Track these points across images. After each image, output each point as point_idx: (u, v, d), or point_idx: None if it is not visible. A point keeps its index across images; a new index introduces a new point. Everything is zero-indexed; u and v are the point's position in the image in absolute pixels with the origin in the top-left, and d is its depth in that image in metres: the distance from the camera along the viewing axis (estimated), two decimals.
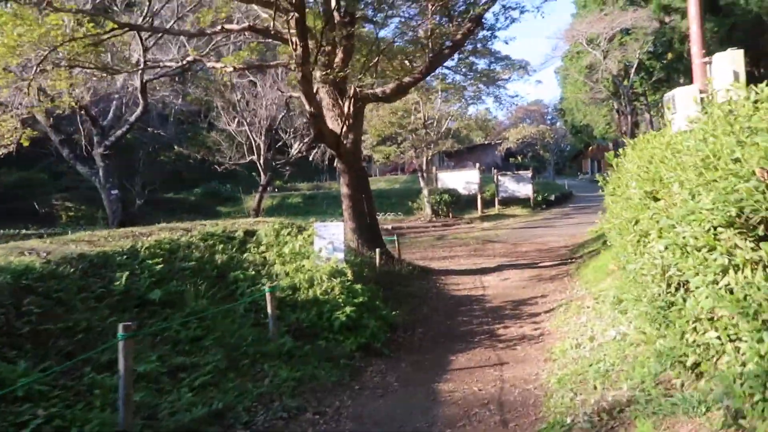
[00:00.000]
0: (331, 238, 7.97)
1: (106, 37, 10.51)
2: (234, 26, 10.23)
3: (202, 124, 35.21)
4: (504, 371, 6.02)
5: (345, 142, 11.74)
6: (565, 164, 77.89)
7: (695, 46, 5.47)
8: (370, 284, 8.94)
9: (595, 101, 45.56)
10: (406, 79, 12.07)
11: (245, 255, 7.69)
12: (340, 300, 6.77)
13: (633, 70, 40.68)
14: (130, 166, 36.12)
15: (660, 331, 3.52)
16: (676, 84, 42.47)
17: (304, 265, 7.23)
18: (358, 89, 11.14)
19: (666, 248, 3.20)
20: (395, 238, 13.49)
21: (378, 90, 11.98)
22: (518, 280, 11.05)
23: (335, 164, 11.83)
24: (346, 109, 11.82)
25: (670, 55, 32.09)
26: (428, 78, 29.17)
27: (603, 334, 6.01)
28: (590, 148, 67.57)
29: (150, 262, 6.08)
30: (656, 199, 3.39)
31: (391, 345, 7.11)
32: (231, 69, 12.20)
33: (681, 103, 4.49)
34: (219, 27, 10.16)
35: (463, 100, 27.48)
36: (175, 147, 40.38)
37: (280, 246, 8.11)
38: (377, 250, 10.73)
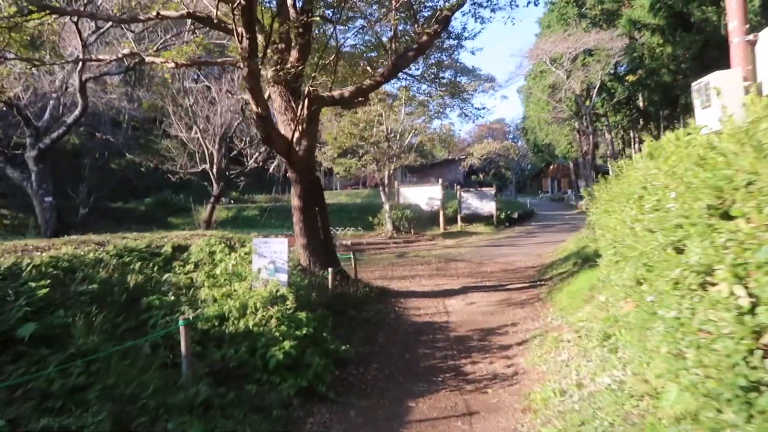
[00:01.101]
0: (272, 257, 6.79)
1: (20, 19, 9.12)
2: (171, 12, 9.02)
3: (157, 131, 33.44)
4: (474, 424, 4.93)
5: (297, 149, 10.59)
6: (526, 183, 78.62)
7: (734, 21, 4.45)
8: (320, 310, 7.78)
9: (558, 120, 45.73)
10: (367, 82, 11.03)
11: (167, 276, 6.42)
12: (278, 333, 5.58)
13: (595, 91, 40.96)
14: (75, 172, 34.07)
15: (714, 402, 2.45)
16: (635, 104, 43.06)
17: (236, 290, 6.01)
18: (312, 89, 10.03)
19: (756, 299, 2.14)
20: (352, 255, 12.36)
21: (335, 93, 10.90)
22: (485, 305, 10.05)
23: (287, 174, 10.60)
24: (299, 112, 10.69)
25: (639, 73, 32.10)
26: (392, 89, 28.45)
27: (593, 380, 5.00)
28: (551, 167, 68.30)
29: (32, 285, 4.78)
30: (728, 217, 2.34)
31: (339, 386, 5.94)
32: (172, 65, 10.92)
33: (724, 93, 3.46)
34: (154, 13, 8.93)
35: (427, 114, 26.73)
36: (126, 154, 38.34)
37: (213, 265, 6.87)
38: (330, 269, 9.56)
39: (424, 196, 29.05)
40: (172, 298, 5.85)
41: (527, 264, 15.34)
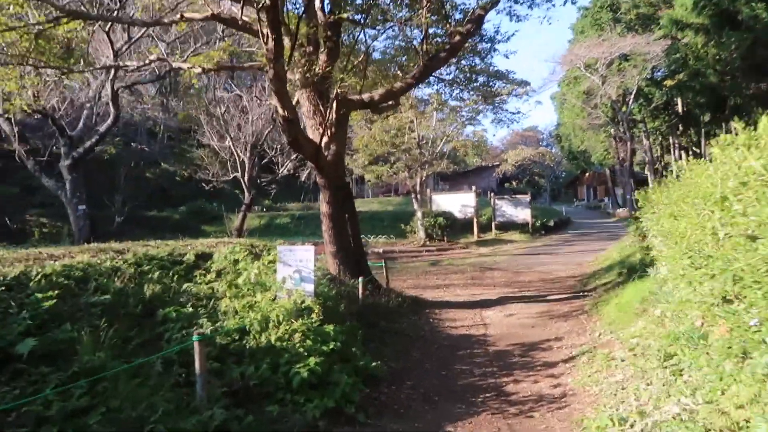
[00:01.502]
0: (298, 266, 6.36)
1: (48, 26, 9.00)
2: (195, 14, 8.77)
3: (191, 141, 33.79)
4: None
5: (326, 153, 10.20)
6: (561, 190, 76.97)
7: None
8: (349, 322, 7.31)
9: (593, 127, 44.50)
10: (397, 85, 10.59)
11: (186, 286, 6.05)
12: (303, 348, 5.13)
13: (632, 97, 39.72)
14: (111, 182, 34.65)
15: None
16: (673, 109, 41.57)
17: (258, 301, 5.58)
18: (341, 91, 9.62)
19: None
20: (384, 263, 11.88)
21: (365, 96, 10.48)
22: (525, 317, 9.42)
23: (316, 179, 10.21)
24: (327, 116, 10.30)
25: (680, 76, 30.73)
26: (424, 95, 28.00)
27: (657, 407, 4.38)
28: (586, 174, 66.61)
29: (39, 296, 4.44)
30: None
31: (370, 406, 5.44)
32: (199, 70, 10.72)
33: None
34: (178, 15, 8.69)
35: (459, 120, 26.18)
36: (161, 164, 38.81)
37: (236, 274, 6.47)
38: (360, 278, 9.10)
39: (457, 203, 28.41)
40: (191, 309, 5.46)
41: (567, 273, 14.60)
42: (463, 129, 27.92)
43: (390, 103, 12.93)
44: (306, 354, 5.13)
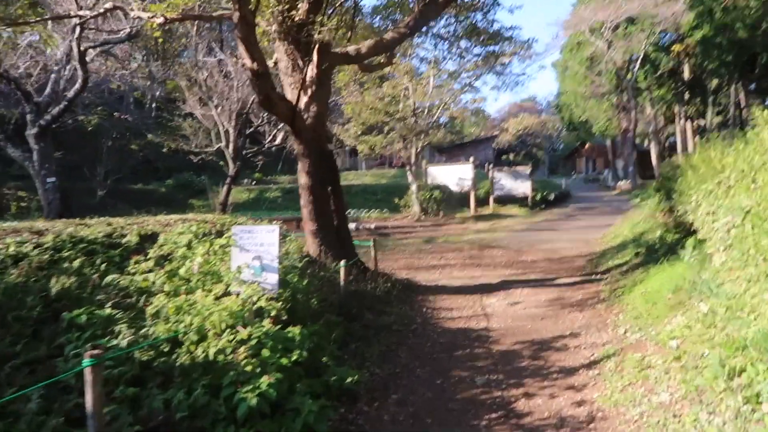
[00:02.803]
0: (258, 251, 5.07)
1: None
2: None
3: (178, 111, 32.21)
4: None
5: (305, 115, 8.82)
6: (559, 163, 75.70)
7: None
8: (325, 319, 6.07)
9: (596, 95, 42.86)
10: (388, 35, 9.16)
11: (112, 278, 4.76)
12: (254, 363, 3.87)
13: (638, 63, 38.12)
14: (95, 153, 33.17)
15: None
16: (680, 76, 39.89)
17: (195, 302, 4.30)
18: (321, 39, 8.18)
19: None
20: (372, 243, 10.61)
21: (351, 48, 9.07)
22: (533, 306, 8.20)
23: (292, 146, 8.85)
24: (309, 72, 8.90)
25: (706, 29, 28.34)
26: (419, 63, 26.36)
27: None
28: (586, 146, 65.15)
29: None
30: None
31: None
32: (161, 19, 9.24)
33: None
34: None
35: (458, 85, 24.66)
36: (147, 135, 37.25)
37: (180, 262, 5.18)
38: (343, 262, 7.82)
39: (454, 175, 27.05)
40: (109, 311, 4.18)
41: (574, 252, 13.37)
42: (461, 96, 26.37)
43: (381, 60, 11.53)
44: (259, 371, 3.88)
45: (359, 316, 7.15)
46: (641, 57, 37.42)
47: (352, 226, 22.25)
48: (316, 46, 8.61)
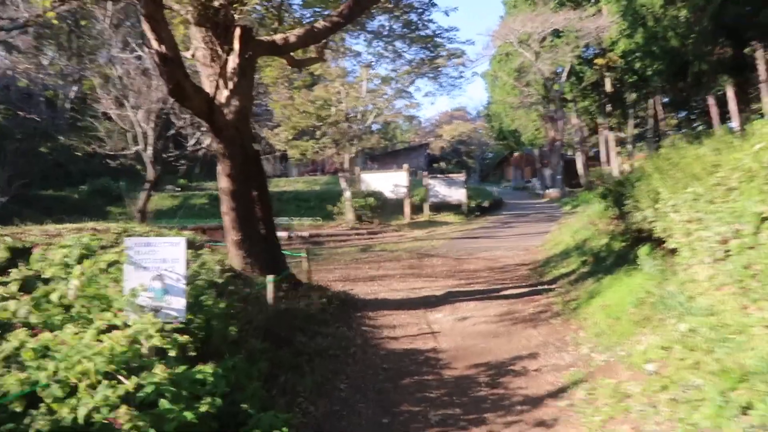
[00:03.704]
0: (160, 269, 4.02)
1: None
2: None
3: (93, 112, 29.74)
4: None
5: (225, 110, 7.75)
6: (489, 171, 77.26)
7: None
8: (248, 347, 5.06)
9: (525, 105, 43.80)
10: (320, 24, 8.26)
11: None
12: (141, 426, 2.84)
13: (564, 74, 39.20)
14: None
15: None
16: (602, 89, 41.41)
17: (63, 341, 3.20)
18: (242, 22, 7.16)
19: None
20: (304, 253, 9.61)
21: (277, 37, 8.10)
22: (482, 321, 7.49)
23: (212, 146, 7.76)
24: (230, 62, 7.85)
25: (639, 38, 28.98)
26: (352, 64, 25.60)
27: None
28: (514, 155, 66.74)
29: None
30: None
31: None
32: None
33: None
34: None
35: (392, 89, 24.07)
36: (59, 137, 34.36)
37: (55, 285, 4.03)
38: (270, 277, 6.80)
39: (389, 182, 26.38)
40: None
41: (516, 261, 12.91)
42: (395, 102, 25.81)
43: (313, 54, 10.60)
44: None
45: (290, 339, 6.15)
46: (567, 69, 38.49)
47: (284, 234, 21.06)
48: (238, 32, 7.59)
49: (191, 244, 6.17)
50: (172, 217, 28.58)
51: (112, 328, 3.58)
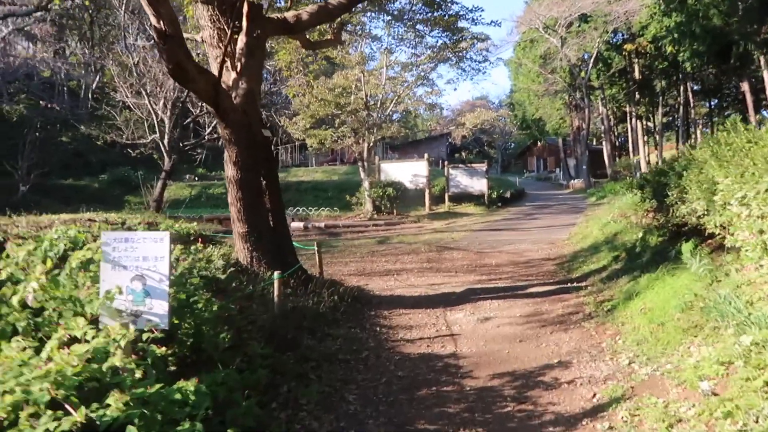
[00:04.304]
0: (141, 268, 3.52)
1: None
2: None
3: (114, 102, 29.67)
4: None
5: (232, 93, 7.24)
6: (511, 161, 76.20)
7: None
8: (247, 352, 4.56)
9: (549, 93, 42.60)
10: (335, 0, 7.69)
11: None
12: None
13: (591, 61, 37.95)
14: (16, 146, 30.34)
15: None
16: (631, 76, 40.02)
17: (10, 357, 2.71)
18: (249, 1, 6.62)
19: None
20: (317, 246, 9.10)
21: (289, 14, 7.56)
22: (506, 322, 6.89)
23: (221, 131, 7.25)
24: (239, 42, 7.32)
25: (678, 17, 27.34)
26: (372, 50, 24.93)
27: None
28: (538, 144, 65.47)
29: None
30: None
31: None
32: None
33: None
34: None
35: (412, 76, 23.38)
36: (80, 127, 34.53)
37: (20, 287, 3.56)
38: (276, 273, 6.29)
39: (408, 172, 25.79)
40: None
41: (541, 255, 12.25)
42: (415, 89, 25.12)
43: (329, 36, 10.03)
44: None
45: (296, 342, 5.64)
46: (594, 55, 37.25)
47: (300, 225, 20.66)
48: (246, 9, 7.04)
49: (185, 239, 5.66)
50: (189, 207, 28.43)
51: (75, 340, 3.08)
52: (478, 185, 26.53)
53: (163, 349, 3.18)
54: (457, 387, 4.97)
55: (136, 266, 3.56)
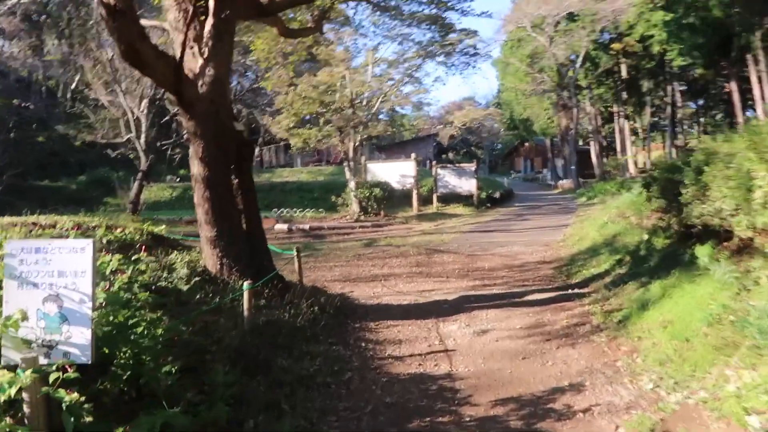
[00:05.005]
0: (56, 286, 2.76)
1: None
2: None
3: (91, 101, 28.61)
4: None
5: (199, 82, 6.46)
6: (498, 162, 76.02)
7: None
8: (212, 375, 3.81)
9: (537, 92, 42.16)
10: None
11: None
12: None
13: (579, 60, 37.56)
14: None
15: None
16: (618, 75, 39.70)
17: None
18: None
19: None
20: (296, 251, 8.33)
21: None
22: (506, 335, 6.19)
23: (182, 122, 6.46)
24: (207, 25, 6.55)
25: (680, 9, 26.44)
26: (357, 46, 24.22)
27: None
28: (525, 145, 65.22)
29: None
30: None
31: None
32: None
33: None
34: None
35: (398, 73, 22.71)
36: (55, 126, 33.42)
37: None
38: (245, 283, 5.52)
39: (395, 172, 25.07)
40: None
41: (536, 258, 11.60)
42: (402, 87, 24.41)
43: (309, 24, 9.28)
44: None
45: (268, 364, 4.89)
46: (582, 55, 36.85)
47: (284, 227, 19.84)
48: None
49: (129, 246, 4.87)
50: (171, 209, 27.47)
51: None
52: (467, 185, 25.90)
53: (74, 395, 2.42)
54: (454, 417, 4.25)
55: (49, 283, 2.80)
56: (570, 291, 8.03)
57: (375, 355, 5.75)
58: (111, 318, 3.15)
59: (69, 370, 2.51)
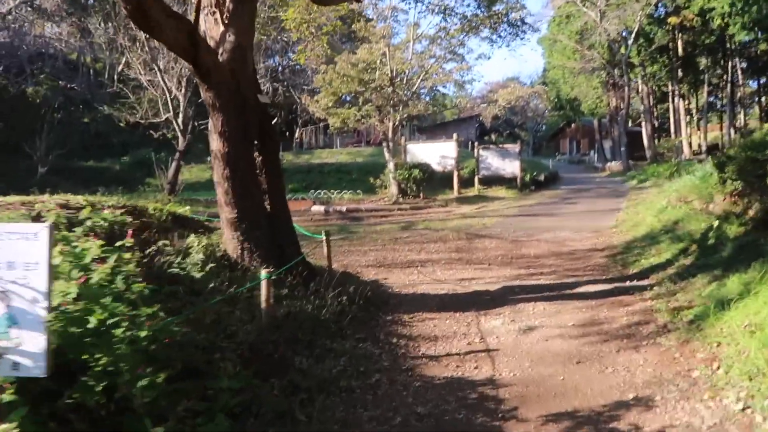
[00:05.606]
0: (4, 282, 2.25)
1: None
2: None
3: (135, 82, 28.73)
4: None
5: (219, 49, 5.90)
6: (542, 144, 73.92)
7: None
8: (219, 379, 3.28)
9: (586, 71, 40.25)
10: None
11: None
12: None
13: (632, 36, 35.51)
14: (32, 126, 29.85)
15: None
16: (674, 52, 37.44)
17: None
18: None
19: None
20: (325, 234, 7.76)
21: None
22: (557, 334, 5.46)
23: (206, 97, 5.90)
24: None
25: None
26: (398, 24, 23.35)
27: None
28: (571, 126, 62.94)
29: None
30: None
31: None
32: None
33: None
34: None
35: (442, 49, 21.78)
36: (100, 107, 33.96)
37: None
38: (263, 272, 4.96)
39: (436, 154, 24.29)
40: None
41: (586, 244, 10.73)
42: (444, 63, 23.47)
43: None
44: None
45: (285, 363, 4.34)
46: (635, 30, 34.83)
47: (321, 209, 19.43)
48: None
49: (112, 232, 4.34)
50: (210, 190, 27.47)
51: None
52: (510, 167, 24.91)
53: (8, 425, 1.89)
54: None
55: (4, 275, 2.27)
56: (628, 283, 7.20)
57: (407, 353, 5.14)
58: (84, 317, 2.63)
59: (4, 391, 1.98)
